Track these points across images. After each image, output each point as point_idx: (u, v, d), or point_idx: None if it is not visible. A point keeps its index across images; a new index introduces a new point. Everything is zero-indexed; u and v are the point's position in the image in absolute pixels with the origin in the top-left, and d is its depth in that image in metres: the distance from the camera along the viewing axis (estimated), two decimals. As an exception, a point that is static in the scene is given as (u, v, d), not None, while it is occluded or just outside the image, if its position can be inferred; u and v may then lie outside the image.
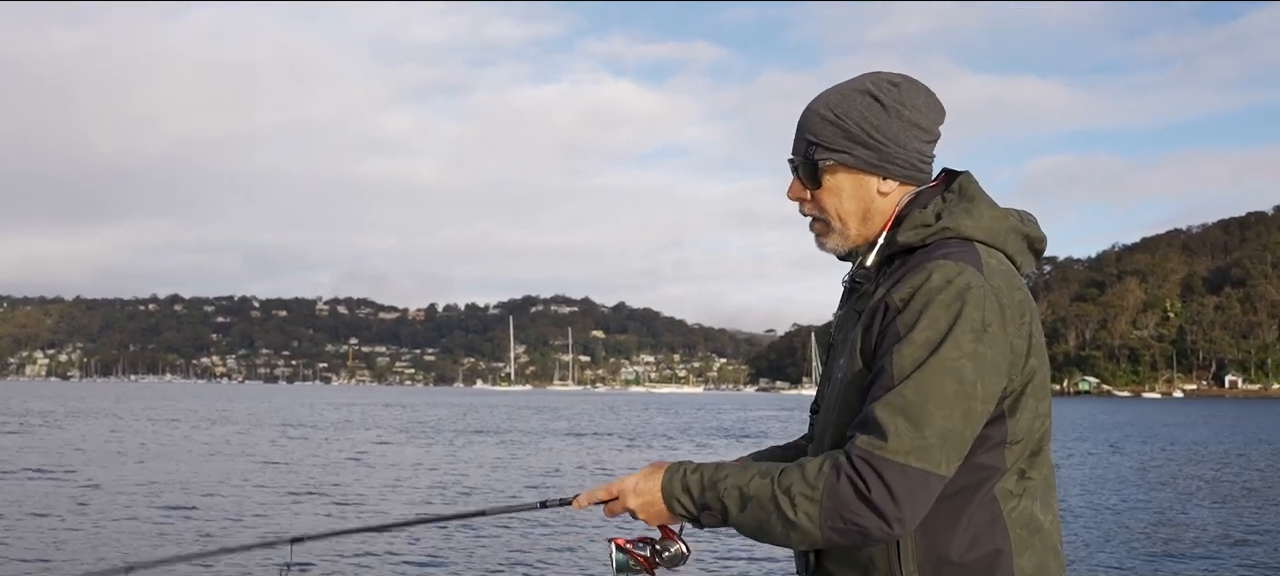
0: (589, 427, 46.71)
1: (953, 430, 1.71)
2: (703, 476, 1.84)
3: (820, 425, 1.97)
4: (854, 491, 1.70)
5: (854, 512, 1.70)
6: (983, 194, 1.92)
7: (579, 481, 21.56)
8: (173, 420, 47.07)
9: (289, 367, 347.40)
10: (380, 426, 44.29)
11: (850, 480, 1.70)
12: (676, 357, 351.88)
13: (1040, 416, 1.85)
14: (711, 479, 1.83)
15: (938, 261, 1.78)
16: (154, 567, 2.14)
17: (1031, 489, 1.85)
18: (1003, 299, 1.77)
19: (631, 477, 1.91)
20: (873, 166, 1.91)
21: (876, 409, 1.73)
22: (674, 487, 1.86)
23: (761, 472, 1.80)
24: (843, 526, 1.71)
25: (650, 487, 1.88)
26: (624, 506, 1.92)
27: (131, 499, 16.72)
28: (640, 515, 1.91)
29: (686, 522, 1.89)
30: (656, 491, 1.88)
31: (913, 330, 1.74)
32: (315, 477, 20.16)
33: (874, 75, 1.95)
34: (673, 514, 1.88)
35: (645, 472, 1.91)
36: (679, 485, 1.86)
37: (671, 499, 1.86)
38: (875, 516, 1.69)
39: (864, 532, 1.71)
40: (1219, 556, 13.32)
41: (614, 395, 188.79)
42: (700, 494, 1.83)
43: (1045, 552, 1.85)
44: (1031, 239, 1.93)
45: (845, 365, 1.88)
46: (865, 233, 1.95)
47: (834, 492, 1.71)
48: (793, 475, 1.76)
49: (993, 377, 1.75)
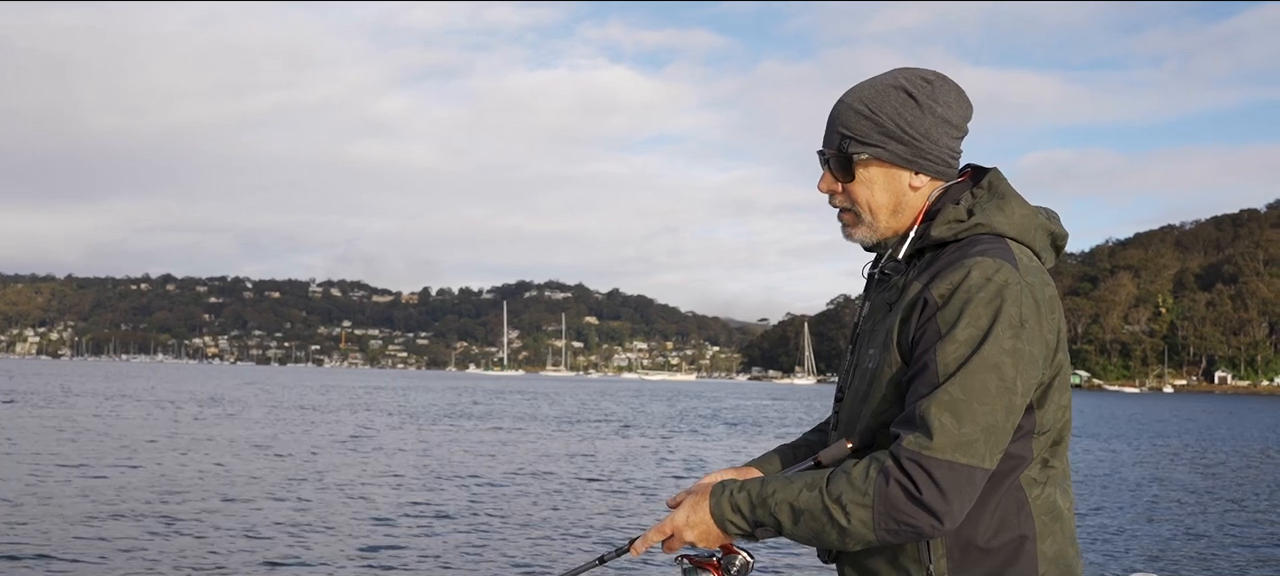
0: (597, 415, 46.74)
1: (996, 425, 1.75)
2: (750, 495, 1.86)
3: (846, 413, 1.99)
4: (904, 493, 1.73)
5: (907, 514, 1.73)
6: (1013, 191, 1.95)
7: (617, 480, 21.56)
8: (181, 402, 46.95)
9: (281, 349, 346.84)
10: (379, 411, 44.27)
11: (899, 483, 1.73)
12: (669, 345, 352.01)
13: (1063, 408, 1.89)
14: (759, 496, 1.85)
15: (976, 258, 1.81)
16: None
17: (1054, 477, 1.90)
18: (1037, 294, 1.82)
19: (681, 511, 1.93)
20: (906, 161, 1.94)
21: (923, 406, 1.75)
22: (724, 511, 1.88)
23: (808, 484, 1.82)
24: (897, 527, 1.75)
25: (701, 518, 1.90)
26: (682, 542, 1.94)
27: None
28: (699, 544, 1.94)
29: (743, 539, 1.93)
30: (708, 518, 1.90)
31: (954, 327, 1.77)
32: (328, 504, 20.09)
33: (907, 71, 1.97)
34: (728, 535, 1.91)
35: (691, 503, 1.92)
36: (728, 507, 1.88)
37: (723, 522, 1.89)
38: (927, 515, 1.73)
39: (917, 531, 1.75)
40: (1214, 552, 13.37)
41: (607, 381, 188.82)
42: (751, 512, 1.86)
43: (1064, 539, 1.90)
44: (1055, 236, 1.98)
45: (877, 355, 1.91)
46: (894, 226, 1.97)
47: (884, 497, 1.74)
48: (840, 483, 1.78)
49: (1030, 372, 1.79)
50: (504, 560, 11.67)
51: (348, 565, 11.11)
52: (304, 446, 25.44)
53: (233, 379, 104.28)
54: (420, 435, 30.94)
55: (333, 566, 11.01)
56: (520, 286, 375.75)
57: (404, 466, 21.35)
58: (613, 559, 2.04)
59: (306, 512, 14.42)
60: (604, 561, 2.06)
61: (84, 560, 10.75)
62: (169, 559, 10.94)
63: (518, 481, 19.29)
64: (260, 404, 47.97)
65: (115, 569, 10.47)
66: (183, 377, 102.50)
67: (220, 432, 28.80)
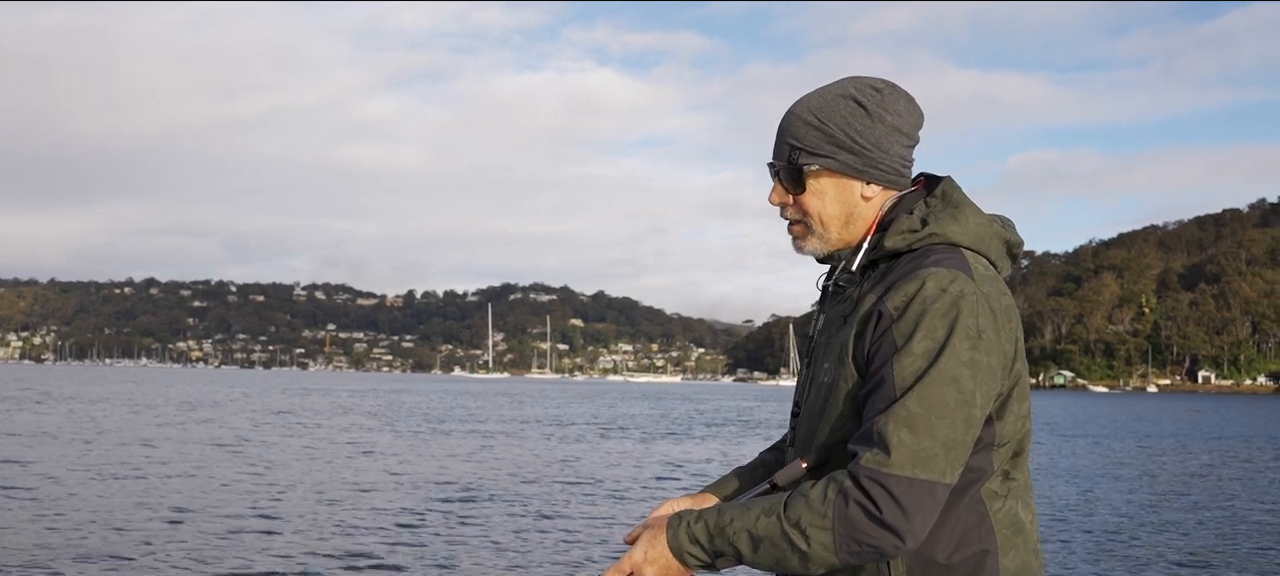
0: (580, 417, 46.48)
1: (955, 438, 1.72)
2: (708, 525, 1.82)
3: (803, 429, 1.95)
4: (865, 513, 1.69)
5: (868, 534, 1.69)
6: (967, 200, 1.92)
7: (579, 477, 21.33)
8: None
9: (266, 353, 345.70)
10: (363, 414, 43.93)
11: (859, 503, 1.69)
12: (655, 347, 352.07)
13: (1022, 418, 1.86)
14: (717, 526, 1.81)
15: (929, 269, 1.77)
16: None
17: (1015, 490, 1.87)
18: (993, 304, 1.78)
19: (639, 548, 1.88)
20: (857, 171, 1.90)
21: (880, 423, 1.72)
22: (682, 543, 1.83)
23: (766, 510, 1.77)
24: (858, 548, 1.71)
25: (660, 552, 1.85)
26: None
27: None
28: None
29: (703, 570, 1.88)
30: (667, 553, 1.85)
31: (910, 340, 1.73)
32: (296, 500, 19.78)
33: (855, 79, 1.94)
34: (688, 567, 1.86)
35: (649, 538, 1.87)
36: (686, 539, 1.83)
37: (682, 554, 1.84)
38: (889, 534, 1.69)
39: (879, 551, 1.71)
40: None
41: (592, 383, 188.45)
42: (709, 543, 1.81)
43: (1027, 552, 1.87)
44: (1011, 244, 1.95)
45: (832, 370, 1.87)
46: (846, 237, 1.94)
47: (845, 518, 1.70)
48: (799, 507, 1.74)
49: (989, 383, 1.76)
50: (476, 572, 11.40)
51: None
52: (273, 451, 25.11)
53: (215, 383, 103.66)
54: (398, 440, 30.63)
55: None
56: (505, 289, 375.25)
57: (376, 472, 21.05)
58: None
59: (272, 519, 14.13)
60: None
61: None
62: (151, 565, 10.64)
63: (494, 489, 19.02)
64: (239, 408, 47.56)
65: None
66: (167, 381, 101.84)
67: (195, 436, 28.44)
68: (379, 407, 52.50)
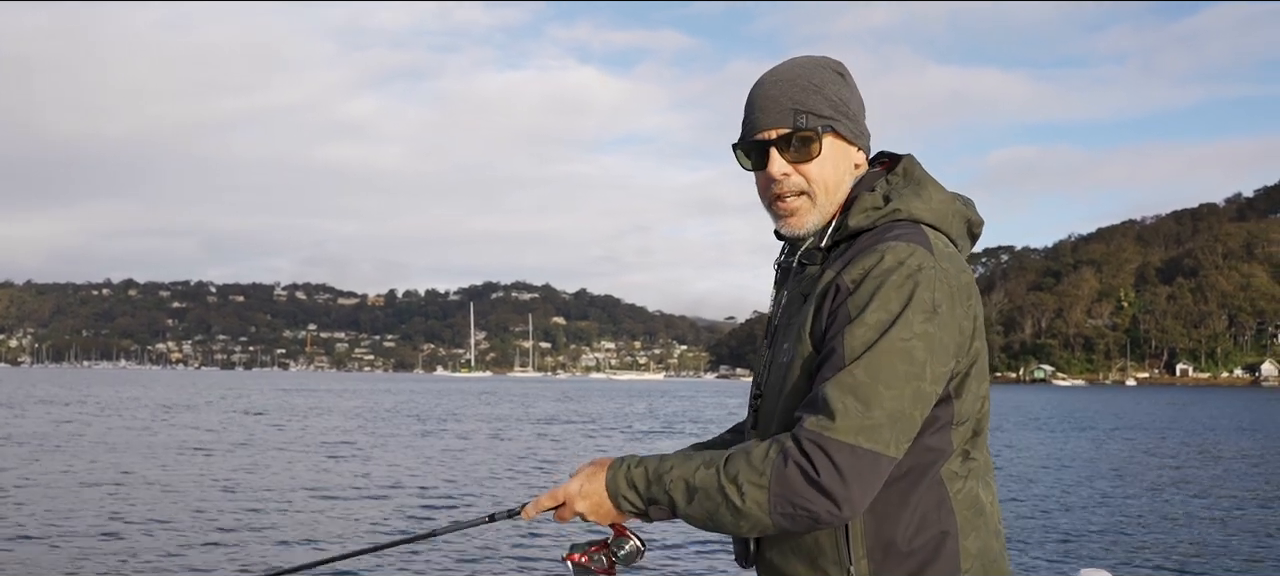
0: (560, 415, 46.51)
1: (903, 411, 1.70)
2: (647, 470, 1.81)
3: (765, 410, 1.92)
4: (802, 475, 1.67)
5: (803, 497, 1.67)
6: (929, 177, 1.91)
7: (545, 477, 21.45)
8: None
9: (246, 354, 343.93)
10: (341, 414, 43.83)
11: (798, 464, 1.67)
12: (637, 344, 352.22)
13: (981, 398, 1.85)
14: (656, 472, 1.80)
15: (889, 243, 1.76)
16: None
17: (975, 470, 1.85)
18: (952, 281, 1.77)
19: (576, 480, 1.86)
20: (854, 137, 1.90)
21: (826, 389, 1.70)
22: (619, 485, 1.82)
23: (706, 462, 1.76)
24: (792, 511, 1.69)
25: (595, 488, 1.84)
26: (572, 511, 1.87)
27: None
28: (590, 516, 1.86)
29: (636, 518, 1.87)
30: (602, 491, 1.83)
31: (864, 311, 1.72)
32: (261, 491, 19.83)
33: (817, 56, 1.94)
34: (621, 511, 1.84)
35: (588, 473, 1.86)
36: (624, 481, 1.82)
37: (618, 496, 1.82)
38: (825, 499, 1.67)
39: (814, 517, 1.69)
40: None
41: (574, 382, 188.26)
42: (645, 488, 1.80)
43: (988, 534, 1.85)
44: (971, 222, 1.95)
45: (791, 349, 1.85)
46: (830, 209, 1.91)
47: (782, 477, 1.68)
48: (738, 462, 1.73)
49: (942, 359, 1.74)
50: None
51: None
52: (245, 452, 25.11)
53: (195, 384, 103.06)
54: (380, 440, 30.63)
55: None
56: (487, 287, 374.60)
57: (347, 475, 21.11)
58: (503, 518, 2.00)
59: (225, 518, 14.19)
60: (494, 519, 2.01)
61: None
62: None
63: (462, 487, 19.12)
64: (214, 409, 47.39)
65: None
66: (146, 383, 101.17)
67: (175, 439, 28.37)
68: (360, 408, 52.43)
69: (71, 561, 11.53)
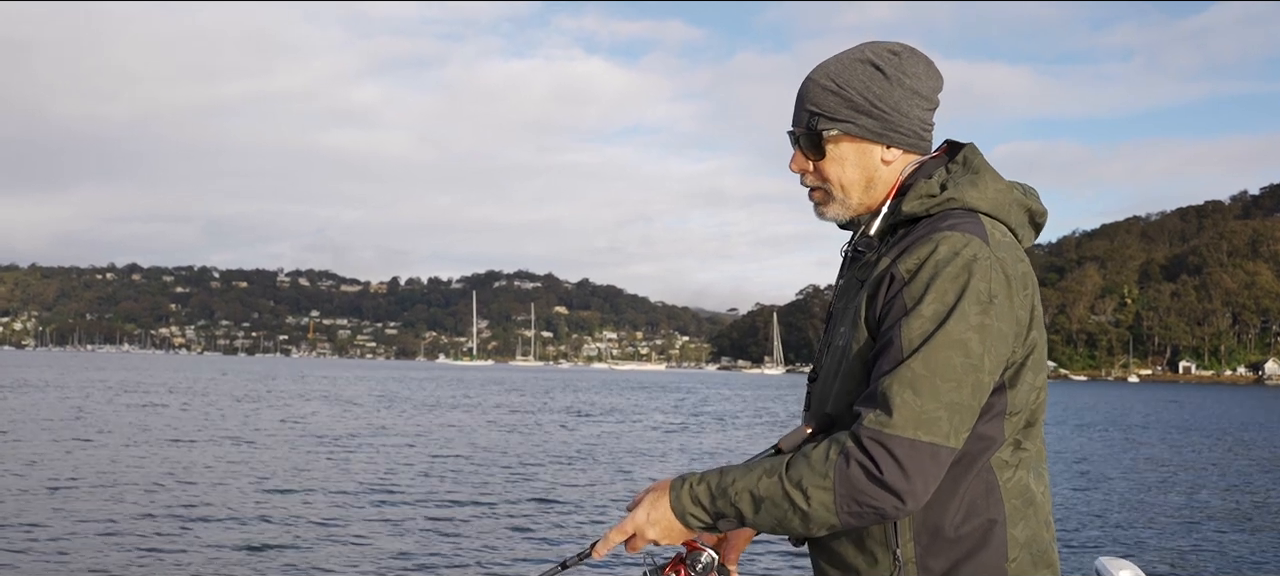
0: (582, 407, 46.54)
1: (960, 402, 1.71)
2: (710, 486, 1.83)
3: (818, 393, 1.96)
4: (865, 474, 1.69)
5: (868, 495, 1.70)
6: (987, 166, 1.92)
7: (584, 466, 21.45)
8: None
9: (249, 339, 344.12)
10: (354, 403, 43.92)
11: (860, 464, 1.70)
12: (639, 335, 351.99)
13: (1037, 389, 1.86)
14: (719, 487, 1.81)
15: (944, 233, 1.78)
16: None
17: (1026, 460, 1.86)
18: (1008, 270, 1.78)
19: (641, 509, 1.88)
20: (876, 135, 1.91)
21: (884, 383, 1.72)
22: (684, 504, 1.84)
23: (768, 470, 1.78)
24: (859, 509, 1.71)
25: (662, 514, 1.86)
26: (644, 540, 1.89)
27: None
28: (662, 542, 1.89)
29: (704, 532, 1.89)
30: (670, 514, 1.85)
31: (920, 303, 1.74)
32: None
33: (872, 44, 1.94)
34: (691, 529, 1.86)
35: (651, 500, 1.88)
36: (688, 500, 1.84)
37: (685, 516, 1.84)
38: (889, 495, 1.69)
39: (880, 513, 1.71)
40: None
41: (576, 371, 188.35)
42: (711, 504, 1.82)
43: (1037, 524, 1.86)
44: (1033, 212, 1.95)
45: (847, 333, 1.88)
46: (867, 202, 1.94)
47: (845, 478, 1.70)
48: (801, 467, 1.75)
49: (999, 349, 1.75)
50: (464, 561, 11.51)
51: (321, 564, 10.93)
52: (257, 441, 25.15)
53: (204, 369, 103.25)
54: (386, 427, 30.67)
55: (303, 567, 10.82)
56: (490, 276, 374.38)
57: (364, 461, 21.13)
58: (574, 564, 1.99)
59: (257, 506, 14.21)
60: (566, 566, 2.00)
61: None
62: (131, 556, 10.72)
63: (481, 477, 19.13)
64: (218, 395, 47.45)
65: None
66: (150, 367, 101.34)
67: (181, 425, 28.43)
68: (359, 395, 52.39)
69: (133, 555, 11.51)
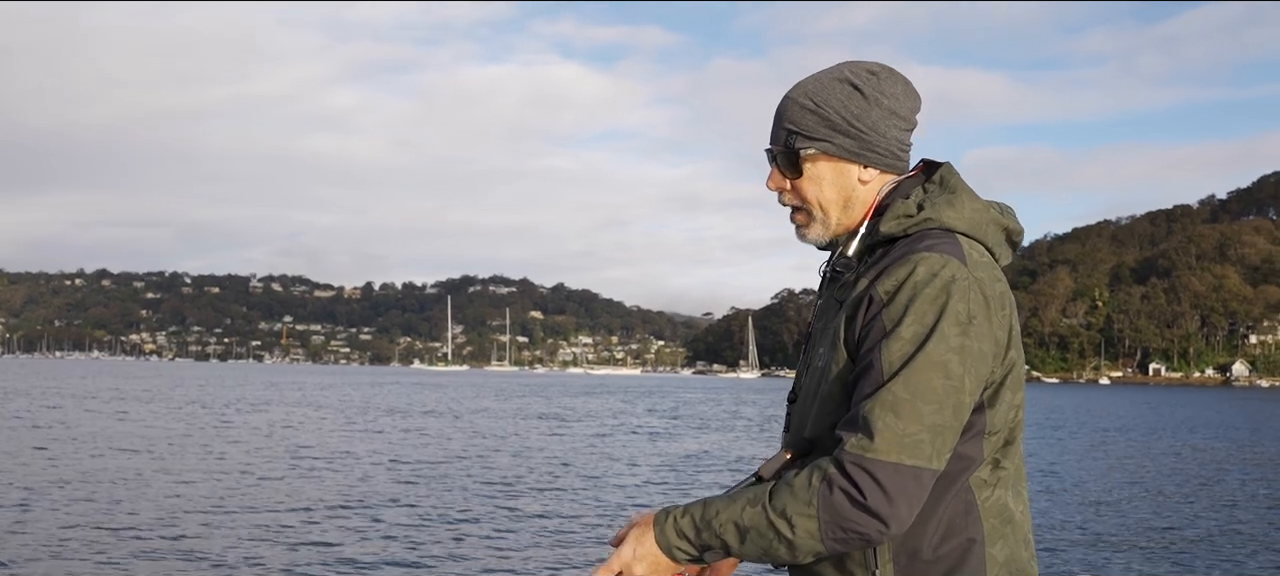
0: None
1: (942, 424, 1.71)
2: (694, 519, 1.82)
3: (798, 414, 1.95)
4: (849, 500, 1.69)
5: (853, 520, 1.69)
6: (964, 185, 1.92)
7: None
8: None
9: (221, 345, 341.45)
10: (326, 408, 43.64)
11: (843, 489, 1.69)
12: (614, 339, 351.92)
13: (1015, 407, 1.85)
14: (703, 519, 1.81)
15: (922, 254, 1.77)
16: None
17: (1005, 479, 1.86)
18: (986, 290, 1.78)
19: (627, 546, 1.87)
20: (854, 155, 1.90)
21: (865, 407, 1.72)
22: (670, 538, 1.83)
23: (751, 500, 1.77)
24: (844, 535, 1.71)
25: (648, 549, 1.85)
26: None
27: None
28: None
29: (691, 565, 1.88)
30: (655, 549, 1.85)
31: (899, 325, 1.73)
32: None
33: (851, 64, 1.94)
34: (677, 563, 1.86)
35: (636, 536, 1.87)
36: (673, 534, 1.83)
37: (671, 549, 1.84)
38: (874, 520, 1.69)
39: (865, 538, 1.71)
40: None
41: (552, 376, 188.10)
42: (697, 537, 1.82)
43: (1016, 542, 1.86)
44: (1010, 231, 1.94)
45: (826, 354, 1.87)
46: (846, 222, 1.94)
47: (829, 505, 1.70)
48: (784, 495, 1.74)
49: (979, 369, 1.75)
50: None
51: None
52: (228, 450, 24.95)
53: (168, 376, 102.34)
54: (367, 436, 30.50)
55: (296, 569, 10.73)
56: (465, 281, 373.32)
57: (332, 473, 21.00)
58: None
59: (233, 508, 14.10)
60: None
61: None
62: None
63: (456, 491, 19.06)
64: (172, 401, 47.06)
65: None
66: (121, 374, 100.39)
67: (147, 432, 28.16)
68: (326, 402, 52.11)
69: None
